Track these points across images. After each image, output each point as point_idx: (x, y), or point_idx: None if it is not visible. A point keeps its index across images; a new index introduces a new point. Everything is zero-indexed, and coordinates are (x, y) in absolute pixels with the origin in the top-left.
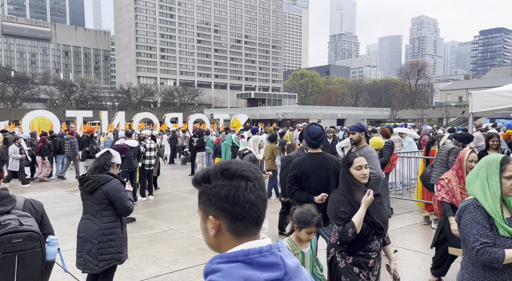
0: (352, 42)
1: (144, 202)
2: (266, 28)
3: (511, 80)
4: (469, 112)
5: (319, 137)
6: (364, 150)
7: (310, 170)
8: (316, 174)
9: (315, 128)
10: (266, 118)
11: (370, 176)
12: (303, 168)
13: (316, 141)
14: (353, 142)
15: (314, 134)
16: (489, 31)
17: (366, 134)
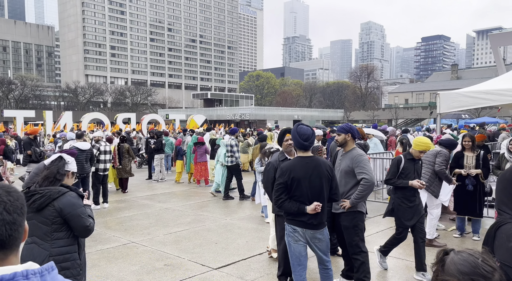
0: (306, 45)
1: (98, 210)
2: (221, 28)
3: (451, 84)
4: (437, 113)
5: (311, 138)
6: (354, 152)
7: (301, 176)
8: (308, 180)
9: (306, 129)
10: (223, 119)
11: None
12: (294, 174)
13: (308, 142)
14: (338, 143)
15: (305, 134)
16: (430, 38)
17: (354, 136)
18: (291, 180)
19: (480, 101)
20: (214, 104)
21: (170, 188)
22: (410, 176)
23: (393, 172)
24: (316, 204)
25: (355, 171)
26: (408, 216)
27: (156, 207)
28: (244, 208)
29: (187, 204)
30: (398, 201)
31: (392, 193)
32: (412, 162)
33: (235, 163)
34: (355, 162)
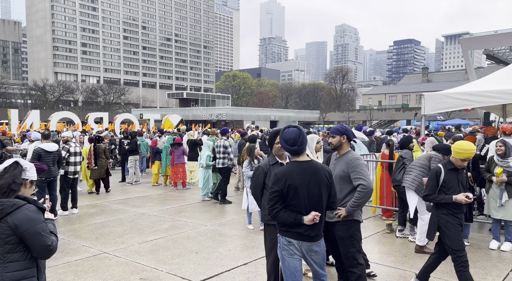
0: (282, 46)
1: (67, 216)
2: (197, 28)
3: (422, 87)
4: (422, 114)
5: (298, 141)
6: (349, 156)
7: (298, 184)
8: (306, 188)
9: (290, 132)
10: (199, 119)
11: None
12: (290, 181)
13: (296, 146)
14: (332, 146)
15: (290, 138)
16: (401, 41)
17: (349, 138)
18: (288, 187)
19: (465, 102)
20: (190, 104)
21: (145, 191)
22: (454, 189)
23: (432, 186)
24: (314, 214)
25: (351, 176)
26: (460, 234)
27: (130, 212)
28: (225, 212)
29: (163, 209)
30: (445, 218)
31: (434, 210)
32: (454, 172)
33: (227, 165)
34: (351, 167)
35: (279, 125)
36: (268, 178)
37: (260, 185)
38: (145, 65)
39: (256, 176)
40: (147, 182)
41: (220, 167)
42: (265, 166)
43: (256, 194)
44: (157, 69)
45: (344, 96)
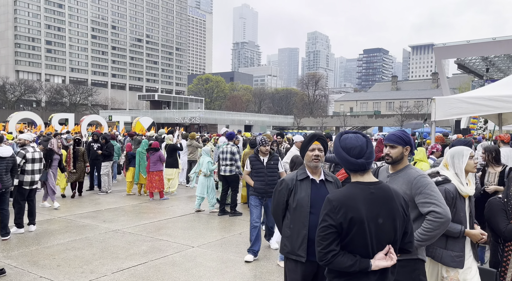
0: (255, 51)
1: (22, 236)
2: (169, 29)
3: (392, 94)
4: (432, 120)
5: (367, 152)
6: (411, 173)
7: (365, 216)
8: (375, 223)
9: (354, 138)
10: (171, 122)
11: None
12: (354, 212)
13: (364, 158)
14: (390, 160)
15: (355, 147)
16: (371, 50)
17: (412, 150)
18: (349, 222)
19: (481, 108)
20: (162, 106)
21: (118, 202)
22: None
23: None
24: (386, 249)
25: (416, 200)
26: None
27: (100, 229)
28: (212, 229)
29: (140, 225)
30: None
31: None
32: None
33: (234, 172)
34: (416, 187)
35: (254, 130)
36: (293, 197)
37: (282, 204)
38: (114, 66)
39: (278, 192)
40: (118, 191)
41: (227, 175)
42: (290, 181)
43: (276, 215)
44: (127, 70)
45: (317, 102)
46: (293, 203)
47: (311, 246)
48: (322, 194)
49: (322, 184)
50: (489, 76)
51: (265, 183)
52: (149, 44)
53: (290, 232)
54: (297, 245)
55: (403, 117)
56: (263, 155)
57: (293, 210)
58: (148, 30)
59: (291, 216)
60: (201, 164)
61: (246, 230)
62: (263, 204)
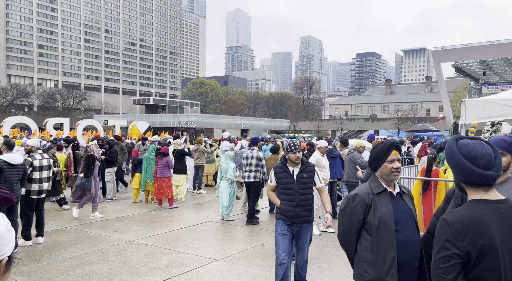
0: (248, 55)
1: (30, 248)
2: (163, 33)
3: (386, 98)
4: (462, 123)
5: (496, 162)
6: None
7: (499, 243)
8: (509, 251)
9: (478, 146)
10: (167, 126)
11: None
12: (484, 238)
13: (493, 169)
14: None
15: (481, 156)
16: (364, 54)
17: None
18: (479, 250)
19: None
20: (157, 110)
21: (125, 210)
22: None
23: None
24: None
25: None
26: None
27: (113, 241)
28: (232, 239)
29: (154, 235)
30: None
31: None
32: None
33: (258, 179)
34: None
35: (250, 133)
36: (373, 214)
37: (358, 223)
38: (107, 70)
39: (351, 210)
40: (123, 198)
41: (251, 181)
42: (366, 195)
43: (347, 237)
44: (120, 74)
45: (311, 106)
46: (374, 221)
47: (401, 269)
48: (402, 209)
49: (399, 197)
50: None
51: (296, 204)
52: (143, 48)
53: (373, 255)
54: (384, 270)
55: (399, 121)
56: (292, 165)
57: (375, 229)
58: (141, 34)
59: (373, 237)
60: (225, 169)
61: (268, 240)
62: (294, 233)
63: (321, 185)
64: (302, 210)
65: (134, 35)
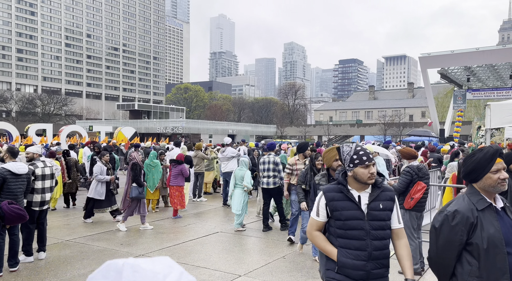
0: (232, 60)
1: (32, 265)
2: (146, 38)
3: (370, 104)
4: (486, 127)
5: None
6: None
7: None
8: None
9: None
10: (152, 132)
11: None
12: None
13: None
14: None
15: None
16: (346, 61)
17: None
18: None
19: None
20: (142, 116)
21: (127, 221)
22: None
23: None
24: None
25: None
26: None
27: (122, 255)
28: (249, 251)
29: (165, 248)
30: None
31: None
32: None
33: (278, 184)
34: None
35: (237, 139)
36: (481, 235)
37: (460, 245)
38: (89, 75)
39: (451, 229)
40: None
41: (271, 187)
42: (469, 212)
43: (446, 259)
44: (102, 80)
45: (296, 111)
46: (482, 243)
47: None
48: (509, 226)
49: (504, 213)
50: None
51: (368, 255)
52: (126, 53)
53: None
54: None
55: (385, 126)
56: (359, 187)
57: (484, 252)
58: (124, 38)
59: (482, 262)
60: (240, 177)
61: (288, 252)
62: None
63: (399, 226)
64: (377, 265)
65: (117, 39)
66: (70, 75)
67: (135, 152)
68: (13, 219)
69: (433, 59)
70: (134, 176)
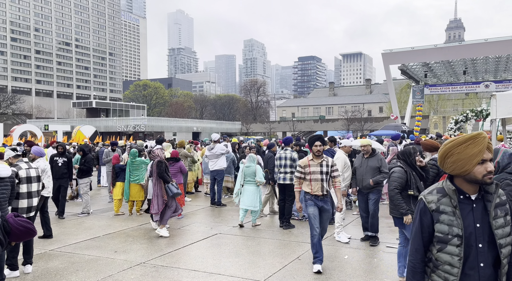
0: (191, 57)
1: (17, 279)
2: (101, 33)
3: (330, 100)
4: (492, 118)
5: None
6: None
7: None
8: None
9: None
10: (113, 130)
11: None
12: None
13: None
14: None
15: None
16: (305, 58)
17: None
18: None
19: None
20: (100, 114)
21: (112, 225)
22: None
23: None
24: None
25: None
26: None
27: (120, 264)
28: (257, 252)
29: (166, 254)
30: None
31: None
32: None
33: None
34: None
35: (202, 136)
36: None
37: None
38: (39, 72)
39: None
40: (100, 211)
41: (287, 183)
42: None
43: None
44: (54, 76)
45: (259, 108)
46: None
47: None
48: None
49: None
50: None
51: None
52: (79, 49)
53: None
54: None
55: (348, 121)
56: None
57: None
58: (77, 33)
59: None
60: (250, 173)
61: (301, 252)
62: None
63: None
64: None
65: (69, 34)
66: (17, 71)
67: (160, 150)
68: (20, 234)
69: (395, 55)
70: (160, 173)
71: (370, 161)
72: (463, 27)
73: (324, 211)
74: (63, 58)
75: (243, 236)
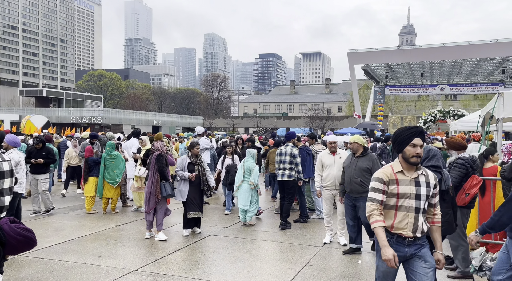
0: (150, 48)
1: None
2: (52, 18)
3: (292, 97)
4: (498, 117)
5: None
6: None
7: None
8: None
9: None
10: (66, 122)
11: None
12: None
13: None
14: None
15: None
16: (266, 55)
17: None
18: None
19: None
20: (50, 104)
21: (87, 226)
22: None
23: None
24: None
25: None
26: None
27: (109, 271)
28: (257, 256)
29: (159, 259)
30: None
31: None
32: None
33: (294, 178)
34: None
35: (162, 130)
36: None
37: None
38: None
39: None
40: (68, 209)
41: (285, 180)
42: None
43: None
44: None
45: (221, 103)
46: None
47: None
48: None
49: None
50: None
51: None
52: (26, 33)
53: None
54: None
55: (311, 119)
56: None
57: None
58: (24, 17)
59: None
60: (248, 168)
61: (309, 256)
62: None
63: None
64: None
65: (15, 17)
66: None
67: (160, 142)
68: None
69: (360, 55)
70: (160, 168)
71: (360, 161)
72: (415, 32)
73: (417, 260)
74: (7, 43)
75: (238, 238)
